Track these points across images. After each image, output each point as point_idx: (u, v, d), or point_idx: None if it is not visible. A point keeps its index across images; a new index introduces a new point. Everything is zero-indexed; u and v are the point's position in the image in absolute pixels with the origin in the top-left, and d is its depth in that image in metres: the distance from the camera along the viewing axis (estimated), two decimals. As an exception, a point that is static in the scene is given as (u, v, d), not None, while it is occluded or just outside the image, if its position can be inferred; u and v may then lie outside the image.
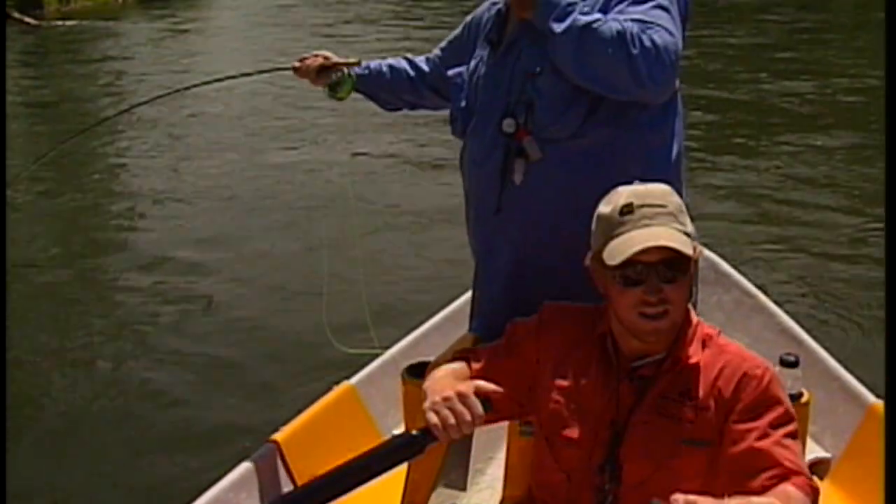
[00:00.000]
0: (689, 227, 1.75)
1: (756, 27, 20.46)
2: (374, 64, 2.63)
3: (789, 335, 3.07)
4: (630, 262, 1.67)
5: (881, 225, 6.17)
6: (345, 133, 8.63)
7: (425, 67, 2.56)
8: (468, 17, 2.42)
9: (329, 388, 2.82)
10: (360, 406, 2.80)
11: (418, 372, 2.20)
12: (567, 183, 2.02)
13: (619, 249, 1.68)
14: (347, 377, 2.86)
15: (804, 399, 2.31)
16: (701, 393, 1.71)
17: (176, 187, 7.70)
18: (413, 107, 2.65)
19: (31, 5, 20.46)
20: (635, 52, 1.88)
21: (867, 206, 6.67)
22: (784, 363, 2.34)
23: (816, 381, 2.66)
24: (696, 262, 1.75)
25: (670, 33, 1.94)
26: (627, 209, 1.71)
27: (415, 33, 19.37)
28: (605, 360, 1.78)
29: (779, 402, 1.69)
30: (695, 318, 1.81)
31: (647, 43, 1.88)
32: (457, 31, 2.46)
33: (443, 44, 2.53)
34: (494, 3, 2.27)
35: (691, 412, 1.71)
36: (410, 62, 2.58)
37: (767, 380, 1.70)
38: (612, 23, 1.90)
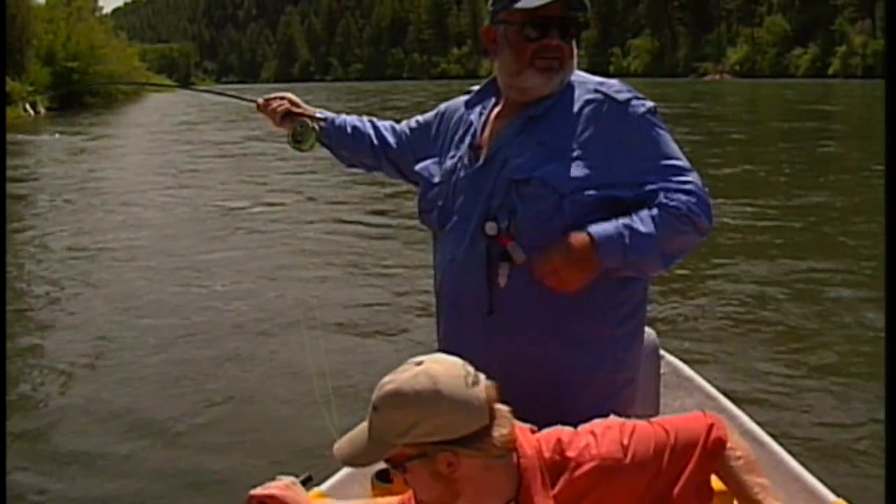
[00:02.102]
0: (400, 425, 1.60)
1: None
2: (339, 120, 2.61)
3: (750, 437, 3.12)
4: None
5: (833, 334, 6.38)
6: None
7: (390, 139, 2.53)
8: (442, 107, 2.43)
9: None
10: (330, 513, 2.80)
11: (388, 477, 2.23)
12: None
13: None
14: (318, 484, 2.86)
15: (765, 499, 2.36)
16: None
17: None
18: (370, 170, 2.64)
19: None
20: (698, 220, 2.03)
21: (820, 315, 6.97)
22: (743, 464, 2.39)
23: (778, 482, 2.72)
24: (419, 461, 1.61)
25: (688, 169, 2.07)
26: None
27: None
28: None
29: None
30: (531, 447, 1.64)
31: (694, 200, 2.03)
32: (429, 116, 2.46)
33: (412, 122, 2.52)
34: (473, 103, 2.29)
35: None
36: (375, 128, 2.56)
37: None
38: (665, 212, 2.00)
